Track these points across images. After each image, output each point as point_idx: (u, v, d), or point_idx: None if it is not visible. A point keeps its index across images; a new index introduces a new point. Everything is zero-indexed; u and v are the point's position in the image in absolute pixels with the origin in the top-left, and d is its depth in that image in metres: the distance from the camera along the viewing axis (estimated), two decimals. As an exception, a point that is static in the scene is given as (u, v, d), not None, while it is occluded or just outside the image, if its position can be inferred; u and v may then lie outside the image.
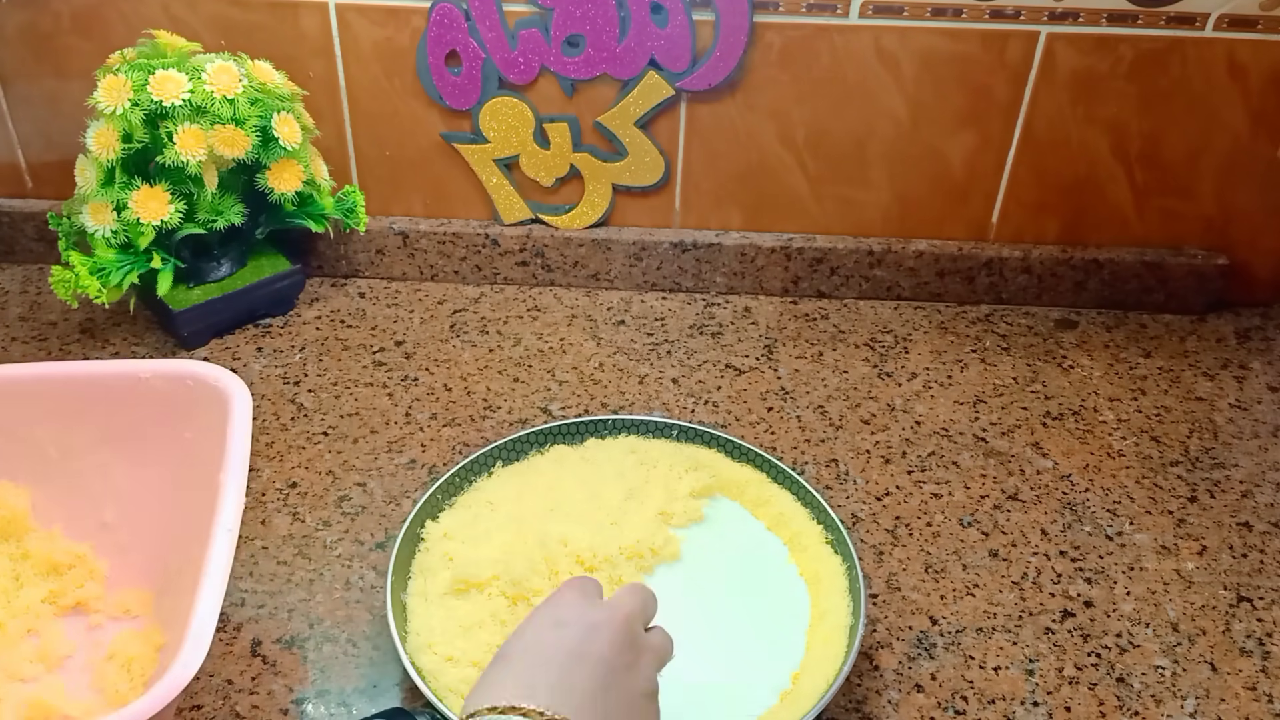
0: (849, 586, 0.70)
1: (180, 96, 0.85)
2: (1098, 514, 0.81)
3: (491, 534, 0.73)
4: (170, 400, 0.71)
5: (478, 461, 0.78)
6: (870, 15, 0.91)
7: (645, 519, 0.75)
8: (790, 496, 0.77)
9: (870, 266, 1.02)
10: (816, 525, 0.75)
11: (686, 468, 0.80)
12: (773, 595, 0.72)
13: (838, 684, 0.62)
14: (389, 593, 0.68)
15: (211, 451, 0.67)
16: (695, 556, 0.75)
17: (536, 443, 0.80)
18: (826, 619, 0.69)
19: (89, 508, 0.73)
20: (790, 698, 0.65)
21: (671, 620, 0.63)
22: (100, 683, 0.66)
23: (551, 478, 0.78)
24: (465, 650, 0.66)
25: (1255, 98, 0.94)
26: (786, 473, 0.78)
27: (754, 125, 0.97)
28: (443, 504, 0.75)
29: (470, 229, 1.02)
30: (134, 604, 0.71)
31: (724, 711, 0.65)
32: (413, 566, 0.71)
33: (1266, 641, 0.72)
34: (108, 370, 0.73)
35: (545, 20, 0.92)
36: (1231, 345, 0.99)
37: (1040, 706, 0.67)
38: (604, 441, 0.81)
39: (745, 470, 0.79)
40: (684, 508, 0.77)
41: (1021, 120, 0.96)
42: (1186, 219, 1.00)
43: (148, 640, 0.67)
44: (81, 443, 0.73)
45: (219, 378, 0.70)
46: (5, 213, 1.03)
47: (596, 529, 0.74)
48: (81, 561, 0.72)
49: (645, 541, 0.74)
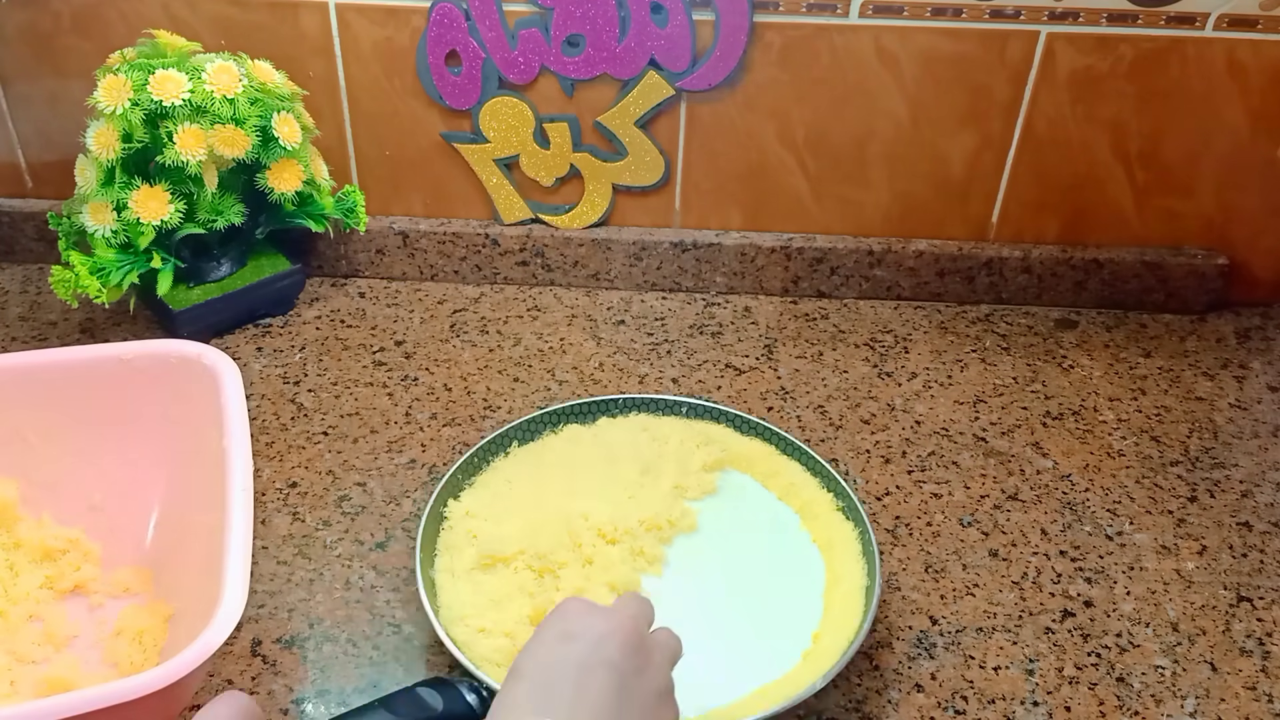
0: (863, 550, 0.72)
1: (180, 96, 0.85)
2: (1098, 514, 0.81)
3: (513, 511, 0.75)
4: (155, 379, 0.73)
5: (494, 442, 0.80)
6: (870, 15, 0.91)
7: (661, 493, 0.78)
8: (800, 467, 0.79)
9: (870, 266, 1.02)
10: (827, 494, 0.77)
11: (698, 443, 0.82)
12: (789, 561, 0.75)
13: (859, 641, 0.65)
14: (418, 569, 0.69)
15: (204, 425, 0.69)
16: (711, 527, 0.77)
17: (550, 423, 0.82)
18: (842, 582, 0.71)
19: (76, 492, 0.74)
20: (812, 656, 0.67)
21: (693, 589, 0.71)
22: (113, 657, 0.67)
23: (566, 456, 0.80)
24: (497, 621, 0.68)
25: (1255, 97, 0.94)
26: (795, 445, 0.80)
27: (754, 125, 0.97)
28: (463, 483, 0.77)
29: (470, 229, 1.02)
30: (133, 582, 0.71)
31: (750, 672, 0.67)
32: (438, 544, 0.73)
33: (1266, 641, 0.72)
34: (88, 355, 0.74)
35: (545, 20, 0.92)
36: (1231, 345, 0.99)
37: (1040, 706, 0.67)
38: (616, 420, 0.84)
39: (755, 444, 0.82)
40: (698, 481, 0.79)
41: (1021, 120, 0.96)
42: (1186, 219, 1.00)
43: (155, 613, 0.68)
44: (64, 428, 0.74)
45: (202, 354, 0.72)
46: (5, 212, 1.03)
47: (615, 503, 0.76)
48: (75, 545, 0.72)
49: (663, 514, 0.76)
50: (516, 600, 0.69)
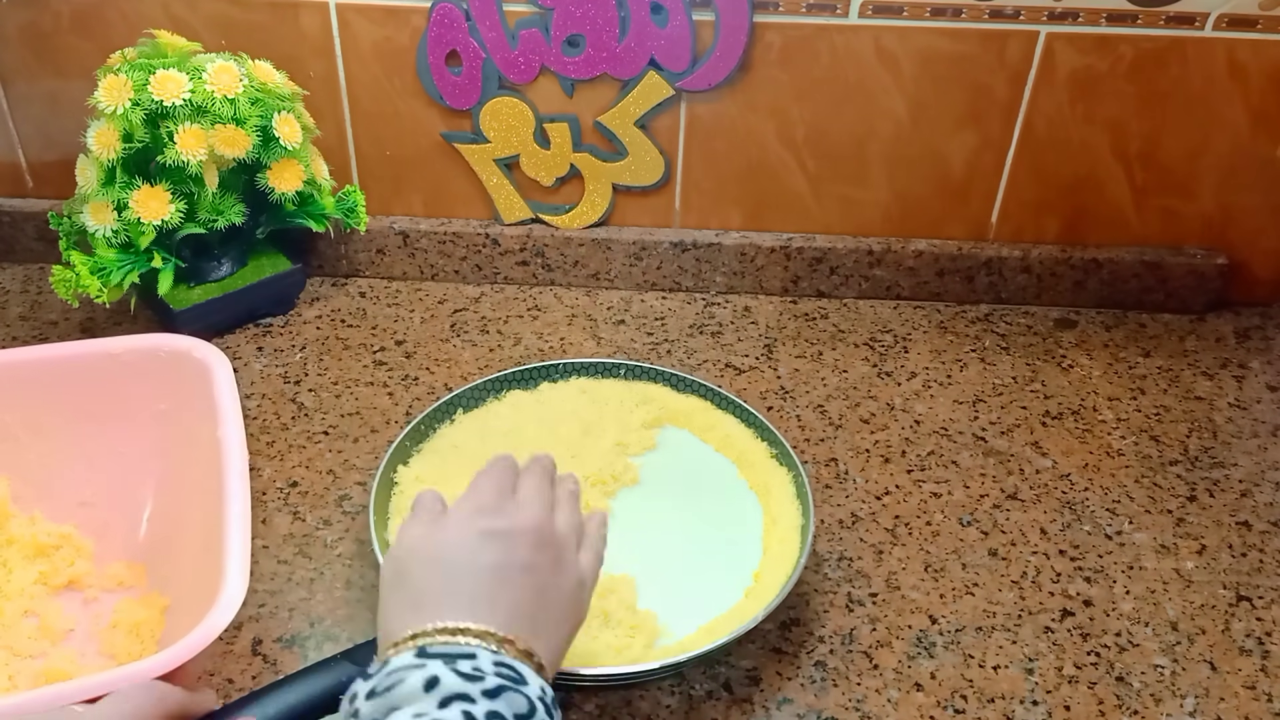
0: (796, 493, 0.77)
1: (181, 96, 0.86)
2: (1097, 513, 0.81)
3: (461, 473, 0.77)
4: (144, 374, 0.74)
5: (440, 410, 0.82)
6: (870, 15, 0.91)
7: (603, 450, 0.81)
8: (735, 420, 0.83)
9: (870, 266, 1.02)
10: (761, 443, 0.81)
11: (636, 402, 0.86)
12: (728, 507, 0.79)
13: (795, 576, 0.69)
14: (372, 532, 0.72)
15: (196, 417, 0.69)
16: (653, 480, 0.81)
17: (493, 390, 0.85)
18: (779, 523, 0.75)
19: (67, 488, 0.74)
20: (754, 592, 0.72)
21: (639, 537, 0.75)
22: (110, 649, 0.67)
23: (510, 421, 0.84)
24: None
25: (1255, 97, 0.94)
26: (730, 399, 0.84)
27: (754, 125, 0.97)
28: (411, 450, 0.80)
29: (470, 229, 1.02)
30: (126, 576, 0.72)
31: (697, 608, 0.71)
32: (390, 509, 0.76)
33: (1266, 640, 0.72)
34: (78, 350, 0.75)
35: (545, 20, 0.92)
36: (1231, 345, 1.00)
37: (1040, 705, 0.67)
38: (557, 385, 0.87)
39: (691, 400, 0.86)
40: (638, 438, 0.83)
41: (1021, 120, 0.96)
42: (1186, 218, 1.01)
43: (150, 605, 0.69)
44: (54, 425, 0.74)
45: (192, 347, 0.73)
46: (6, 212, 1.03)
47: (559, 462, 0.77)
48: (67, 541, 0.73)
49: (606, 470, 0.80)
50: None
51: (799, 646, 0.70)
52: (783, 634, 0.71)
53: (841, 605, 0.73)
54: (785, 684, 0.68)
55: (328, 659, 0.59)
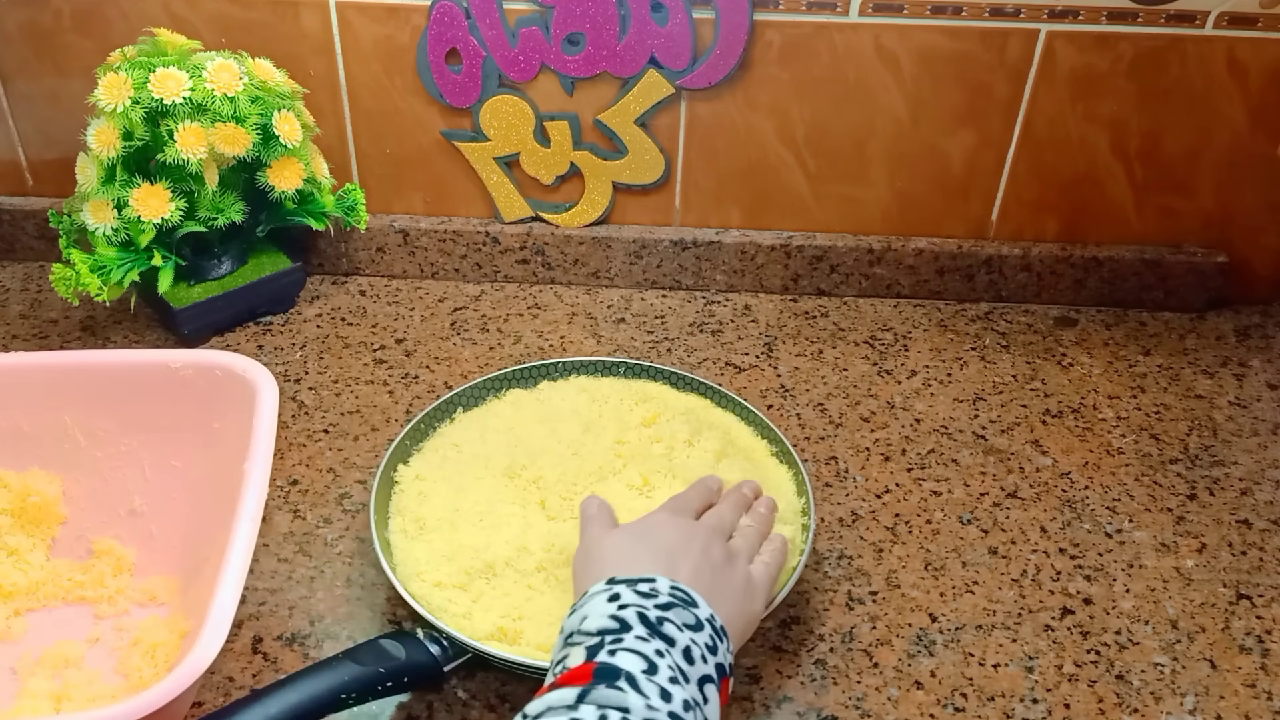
0: (798, 490, 0.76)
1: (181, 94, 0.86)
2: (1097, 511, 0.81)
3: (461, 472, 0.78)
4: (199, 391, 0.73)
5: (440, 409, 0.82)
6: (870, 13, 0.91)
7: (603, 448, 0.80)
8: (735, 418, 0.83)
9: (870, 264, 1.02)
10: (762, 440, 0.81)
11: (636, 400, 0.85)
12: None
13: (798, 572, 0.69)
14: (373, 530, 0.71)
15: (238, 441, 0.68)
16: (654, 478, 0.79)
17: (493, 388, 0.85)
18: (779, 522, 0.75)
19: (118, 495, 0.74)
20: None
21: None
22: (124, 667, 0.67)
23: (510, 419, 0.83)
24: (450, 575, 0.70)
25: (1255, 96, 0.94)
26: (730, 397, 0.83)
27: (754, 123, 0.97)
28: (411, 449, 0.80)
29: (471, 227, 1.02)
30: (161, 591, 0.72)
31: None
32: (390, 507, 0.76)
33: (1266, 639, 0.72)
34: (139, 359, 0.74)
35: (545, 18, 0.92)
36: (1231, 343, 1.00)
37: (1040, 704, 0.67)
38: (557, 383, 0.86)
39: (691, 398, 0.85)
40: (637, 436, 0.82)
41: (1021, 118, 0.96)
42: (1186, 217, 1.01)
43: (172, 627, 0.68)
44: (110, 431, 0.74)
45: (247, 369, 0.72)
46: (6, 210, 1.03)
47: (559, 460, 0.79)
48: (109, 552, 0.73)
49: (606, 468, 0.79)
50: (467, 554, 0.71)
51: (799, 644, 0.71)
52: (783, 632, 0.71)
53: (841, 603, 0.73)
54: (785, 682, 0.68)
55: (330, 658, 0.59)
